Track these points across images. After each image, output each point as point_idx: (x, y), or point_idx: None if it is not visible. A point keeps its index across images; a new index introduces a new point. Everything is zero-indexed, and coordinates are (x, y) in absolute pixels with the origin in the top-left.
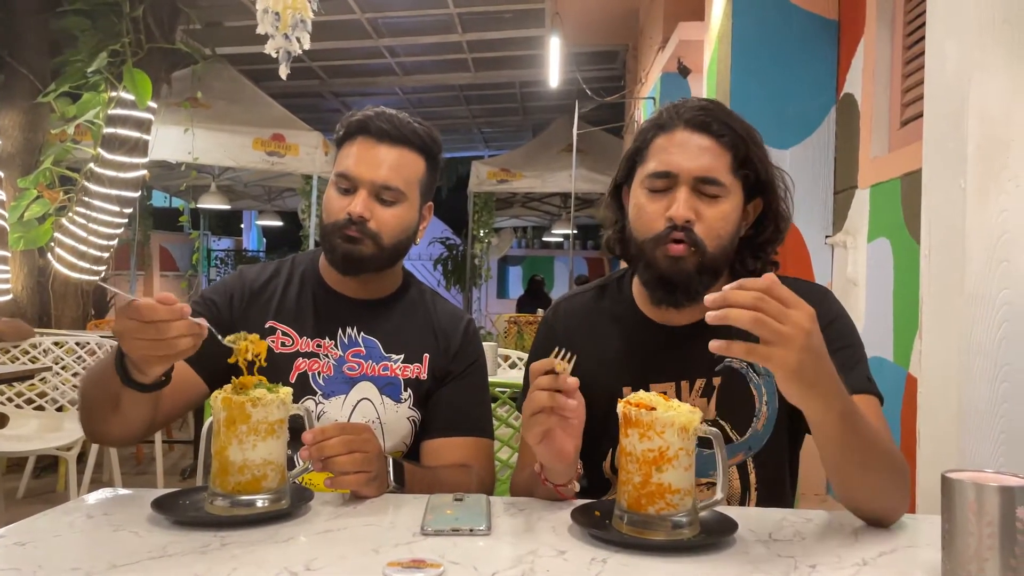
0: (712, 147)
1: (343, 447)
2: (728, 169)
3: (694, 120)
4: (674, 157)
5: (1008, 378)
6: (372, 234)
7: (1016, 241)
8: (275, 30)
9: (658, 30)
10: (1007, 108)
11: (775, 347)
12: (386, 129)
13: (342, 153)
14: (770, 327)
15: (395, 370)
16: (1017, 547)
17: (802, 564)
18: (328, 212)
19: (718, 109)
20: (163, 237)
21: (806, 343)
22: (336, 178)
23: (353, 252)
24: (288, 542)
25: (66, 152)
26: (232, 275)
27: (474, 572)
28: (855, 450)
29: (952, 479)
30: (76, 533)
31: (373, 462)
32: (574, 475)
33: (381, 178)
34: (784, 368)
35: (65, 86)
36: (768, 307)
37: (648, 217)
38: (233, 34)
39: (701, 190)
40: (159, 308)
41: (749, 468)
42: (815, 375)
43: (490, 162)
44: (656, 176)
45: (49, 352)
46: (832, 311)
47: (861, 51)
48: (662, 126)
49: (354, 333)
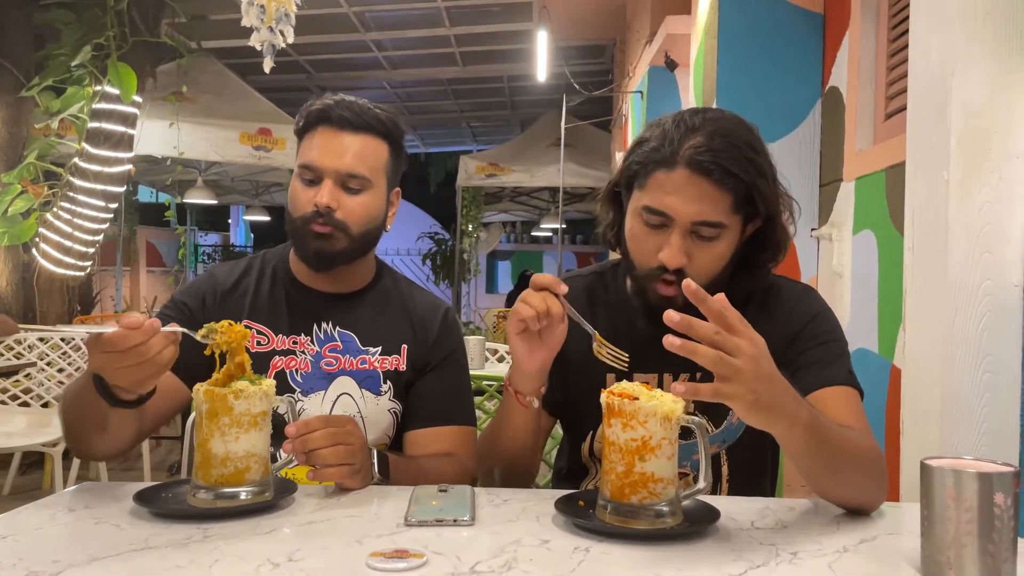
0: (712, 192)
1: (327, 440)
2: (728, 210)
3: (696, 163)
4: (671, 199)
5: (990, 368)
6: (340, 224)
7: (998, 233)
8: (260, 23)
9: (645, 24)
10: (990, 101)
11: (732, 384)
12: (347, 117)
13: (304, 144)
14: (726, 364)
15: (373, 363)
16: (995, 533)
17: (783, 551)
18: (294, 205)
19: (723, 146)
20: (149, 232)
21: (756, 371)
22: (300, 170)
23: (324, 248)
24: (271, 534)
25: (50, 147)
26: (202, 275)
27: (457, 562)
28: (824, 457)
29: (931, 466)
30: (57, 526)
31: (357, 454)
32: (537, 390)
33: (346, 166)
34: (743, 402)
35: (49, 80)
36: (723, 341)
37: (641, 250)
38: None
39: (698, 231)
40: (130, 334)
41: (722, 460)
42: (771, 399)
43: (478, 156)
44: (651, 212)
45: (34, 348)
46: (814, 307)
47: (846, 44)
48: (663, 161)
49: (330, 328)
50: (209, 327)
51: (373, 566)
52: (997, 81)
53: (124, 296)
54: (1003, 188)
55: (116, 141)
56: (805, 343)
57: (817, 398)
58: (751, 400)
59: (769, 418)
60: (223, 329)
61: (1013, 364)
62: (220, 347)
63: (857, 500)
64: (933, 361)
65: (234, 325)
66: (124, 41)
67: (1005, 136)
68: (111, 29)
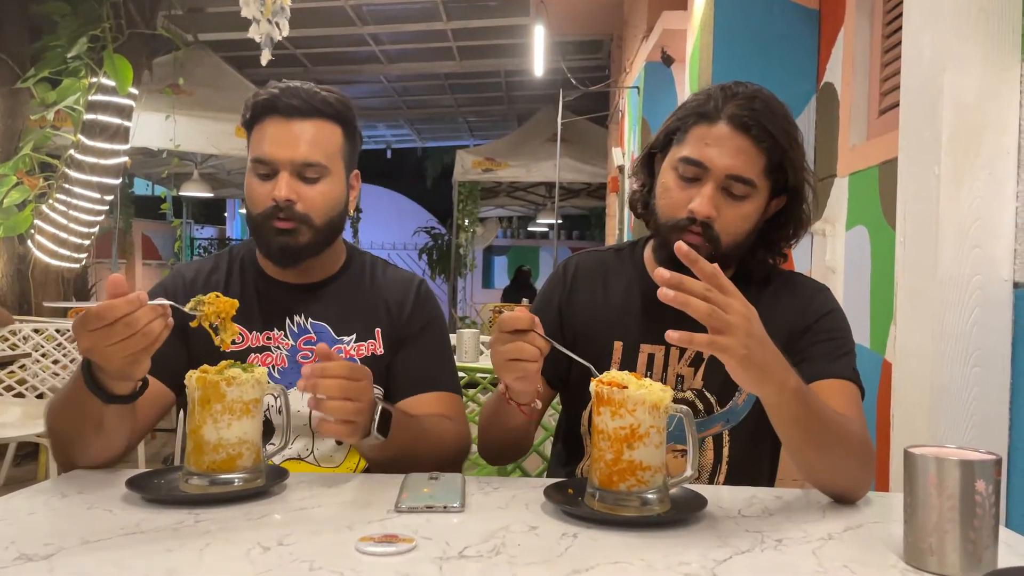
0: (749, 149)
1: (338, 391)
2: (761, 171)
3: (738, 119)
4: (710, 150)
5: (979, 362)
6: (302, 217)
7: (988, 228)
8: (260, 15)
9: (642, 19)
10: (981, 96)
11: (725, 336)
12: (295, 104)
13: (254, 137)
14: (719, 318)
15: (349, 351)
16: (976, 519)
17: (769, 539)
18: (252, 202)
19: (764, 109)
20: (145, 225)
21: (748, 329)
22: (253, 164)
23: (289, 244)
24: (262, 519)
25: (46, 138)
26: (169, 276)
27: (446, 547)
28: (812, 429)
29: (914, 454)
30: (50, 511)
31: (362, 412)
32: (535, 395)
33: (300, 156)
34: (736, 356)
35: (45, 72)
36: (715, 298)
37: (672, 202)
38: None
39: (729, 188)
40: (117, 304)
41: (724, 440)
42: (763, 358)
43: (475, 151)
44: (688, 163)
45: (29, 339)
46: (828, 305)
47: (841, 40)
48: (705, 115)
49: (303, 320)
50: (197, 299)
51: (362, 550)
52: (989, 77)
53: None
54: (993, 184)
55: (112, 133)
56: (814, 336)
57: (817, 388)
58: (743, 355)
59: (761, 378)
60: (211, 300)
61: (1002, 358)
62: (209, 319)
63: (842, 483)
64: (923, 355)
65: (221, 296)
66: (120, 33)
67: (996, 132)
68: (107, 21)
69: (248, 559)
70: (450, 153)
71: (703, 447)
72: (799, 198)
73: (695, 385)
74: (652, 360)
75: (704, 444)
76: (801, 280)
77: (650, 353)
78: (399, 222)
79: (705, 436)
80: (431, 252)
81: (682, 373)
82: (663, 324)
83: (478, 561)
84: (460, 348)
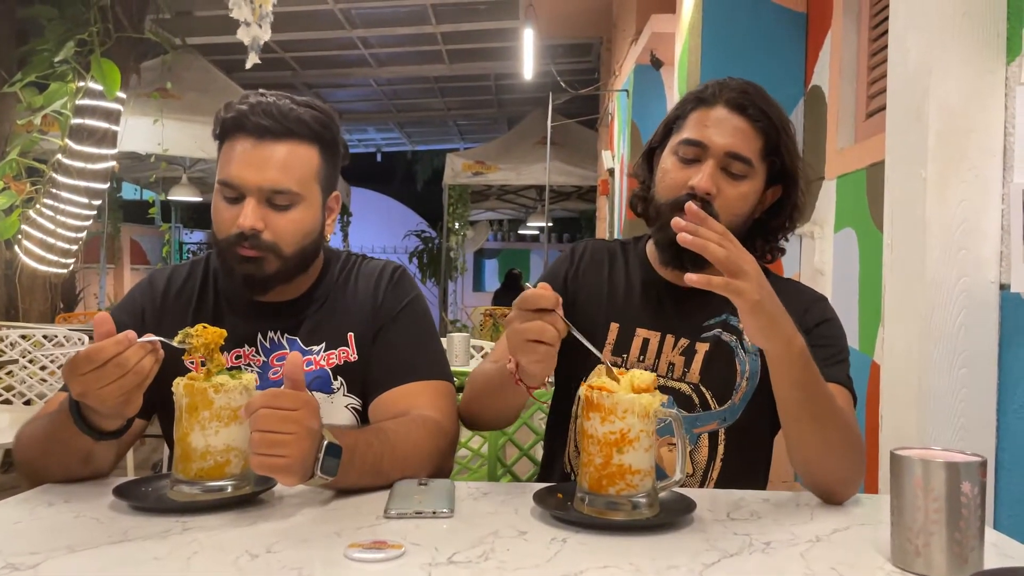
0: (746, 129)
1: (262, 423)
2: (758, 153)
3: (734, 101)
4: (708, 130)
5: (966, 364)
6: (269, 246)
7: (975, 230)
8: (251, 17)
9: (631, 22)
10: (967, 99)
11: (740, 280)
12: (266, 125)
13: (223, 156)
14: (734, 261)
15: (319, 362)
16: (962, 521)
17: (757, 541)
18: (217, 226)
19: (758, 95)
20: (134, 230)
21: (760, 279)
22: (219, 186)
23: (254, 273)
24: (250, 526)
25: (33, 143)
26: (140, 285)
27: (435, 553)
28: (812, 397)
29: (900, 456)
30: (36, 519)
31: (290, 446)
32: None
33: (269, 181)
34: (750, 300)
35: (32, 75)
36: (730, 245)
37: (672, 182)
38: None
39: (728, 167)
40: (105, 346)
41: (720, 438)
42: (773, 308)
43: (465, 154)
44: (687, 143)
45: (16, 345)
46: (826, 313)
47: (828, 44)
48: (703, 100)
49: (276, 336)
50: (184, 332)
51: (351, 557)
52: (974, 80)
53: (108, 294)
54: (979, 186)
55: (99, 137)
56: (811, 341)
57: None
58: (756, 300)
59: (771, 327)
60: (198, 332)
61: (989, 360)
62: (198, 351)
63: (834, 466)
64: (911, 357)
65: (208, 327)
66: (108, 37)
67: (982, 134)
68: (95, 25)
69: (236, 567)
70: (440, 156)
71: (697, 444)
72: (795, 184)
73: (692, 379)
74: (646, 345)
75: (699, 442)
76: (801, 288)
77: (645, 338)
78: (389, 225)
79: (701, 433)
80: (421, 255)
81: (674, 361)
82: (661, 311)
83: (467, 567)
84: (451, 352)
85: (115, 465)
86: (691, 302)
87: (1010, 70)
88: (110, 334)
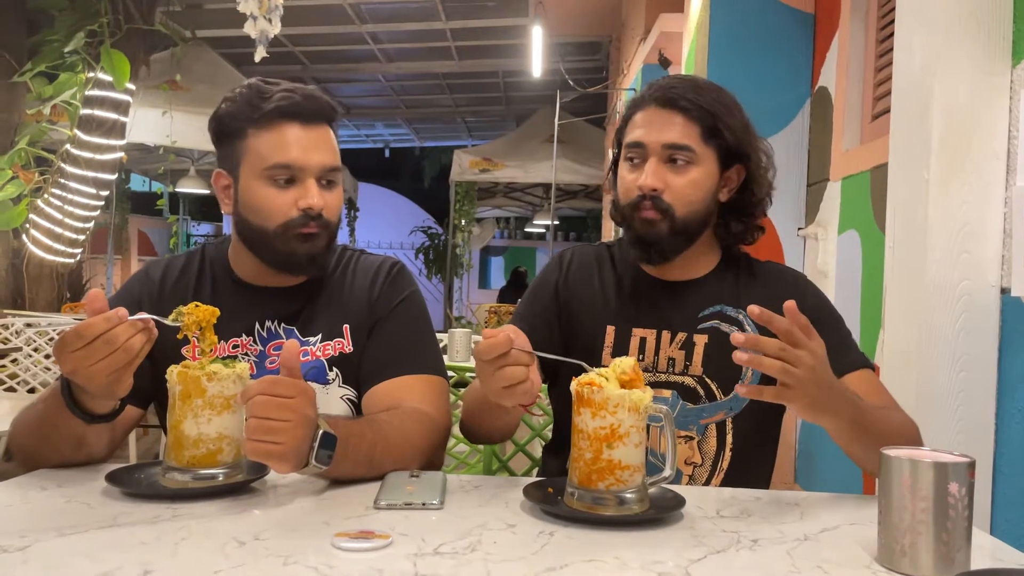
0: (680, 121)
1: (258, 409)
2: (699, 138)
3: (662, 97)
4: (644, 130)
5: (966, 367)
6: (325, 223)
7: (976, 233)
8: (257, 10)
9: (640, 21)
10: (971, 102)
11: (792, 390)
12: (314, 109)
13: (264, 142)
14: (789, 374)
15: (315, 352)
16: (949, 522)
17: (745, 539)
18: (270, 213)
19: (685, 85)
20: (141, 221)
21: (815, 380)
22: (273, 171)
23: (313, 251)
24: (240, 514)
25: (42, 133)
26: (137, 276)
27: (422, 543)
28: (866, 443)
29: (888, 455)
30: (28, 503)
31: (285, 433)
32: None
33: (328, 162)
34: (802, 404)
35: (42, 66)
36: (788, 355)
37: (626, 186)
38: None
39: (672, 157)
40: (95, 322)
41: (727, 427)
42: (825, 402)
43: (472, 151)
44: (630, 147)
45: (22, 333)
46: (817, 295)
47: (835, 45)
48: (637, 104)
49: (274, 326)
50: (177, 311)
51: (338, 545)
52: (978, 82)
53: (115, 284)
54: (982, 188)
55: (108, 128)
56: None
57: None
58: (807, 403)
59: (820, 417)
60: (190, 311)
61: (989, 363)
62: (191, 329)
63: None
64: (910, 359)
65: (201, 305)
66: (118, 28)
67: (985, 137)
68: (105, 16)
69: (223, 553)
70: (448, 153)
71: (705, 435)
72: (752, 160)
73: (695, 371)
74: (644, 343)
75: (707, 432)
76: (783, 272)
77: (642, 337)
78: (396, 221)
79: (708, 424)
80: (428, 252)
81: (674, 356)
82: (654, 308)
83: (453, 558)
84: (451, 348)
85: (110, 452)
86: (683, 295)
87: (1015, 73)
88: (102, 311)
